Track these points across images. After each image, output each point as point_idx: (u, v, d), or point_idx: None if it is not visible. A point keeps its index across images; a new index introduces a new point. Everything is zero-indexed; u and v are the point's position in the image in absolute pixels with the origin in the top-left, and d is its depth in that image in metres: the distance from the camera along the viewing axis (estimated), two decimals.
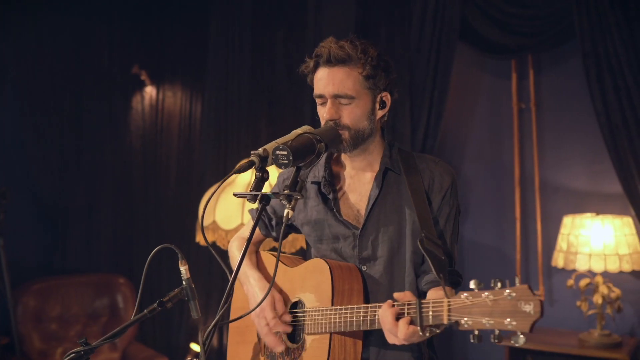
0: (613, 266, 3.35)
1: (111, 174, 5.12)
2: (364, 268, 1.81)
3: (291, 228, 2.03)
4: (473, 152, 4.24)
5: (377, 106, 1.81)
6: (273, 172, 2.82)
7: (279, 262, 1.96)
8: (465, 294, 1.36)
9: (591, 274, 3.46)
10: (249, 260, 2.01)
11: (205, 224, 3.69)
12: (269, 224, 2.05)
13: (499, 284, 1.33)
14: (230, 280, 1.55)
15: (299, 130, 1.72)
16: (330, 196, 1.85)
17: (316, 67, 1.80)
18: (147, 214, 5.16)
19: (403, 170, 1.80)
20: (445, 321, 1.39)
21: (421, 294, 1.79)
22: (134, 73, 5.16)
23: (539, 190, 3.93)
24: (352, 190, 1.87)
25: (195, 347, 4.83)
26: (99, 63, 4.99)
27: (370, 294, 1.77)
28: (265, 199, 1.59)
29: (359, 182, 1.87)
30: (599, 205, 3.72)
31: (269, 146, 1.61)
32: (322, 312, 1.73)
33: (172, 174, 5.23)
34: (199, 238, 3.85)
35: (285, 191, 1.59)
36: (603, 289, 3.40)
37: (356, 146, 1.79)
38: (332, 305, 1.71)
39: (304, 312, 1.81)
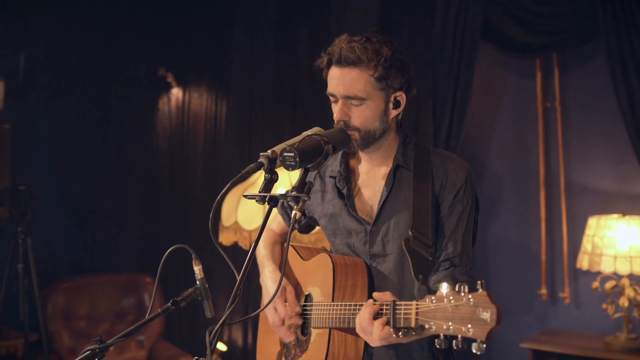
0: (639, 268, 3.28)
1: (138, 174, 5.20)
2: (374, 264, 1.81)
3: (313, 221, 2.04)
4: (498, 152, 4.19)
5: (391, 106, 1.77)
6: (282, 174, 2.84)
7: (297, 255, 1.98)
8: (432, 298, 1.33)
9: (617, 276, 3.39)
10: (270, 252, 2.03)
11: (227, 224, 3.72)
12: (290, 216, 2.07)
13: (466, 288, 1.28)
14: (238, 279, 1.57)
15: (309, 132, 1.73)
16: (344, 191, 1.85)
17: (329, 64, 1.78)
18: (174, 214, 5.23)
19: (413, 167, 1.78)
20: (413, 324, 1.36)
21: (432, 294, 1.78)
22: (160, 75, 5.24)
23: (564, 191, 3.87)
24: (366, 185, 1.86)
25: (220, 345, 4.88)
26: (126, 66, 5.07)
27: (379, 291, 1.77)
28: (273, 201, 1.60)
29: (373, 177, 1.86)
30: (626, 206, 3.64)
31: (278, 148, 1.62)
32: (324, 307, 1.75)
33: (199, 175, 5.29)
34: (222, 238, 3.89)
35: (293, 192, 1.59)
36: (629, 292, 3.33)
37: (367, 146, 1.78)
38: (333, 300, 1.72)
39: (311, 305, 1.82)
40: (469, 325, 1.24)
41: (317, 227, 2.08)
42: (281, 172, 3.76)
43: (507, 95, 4.17)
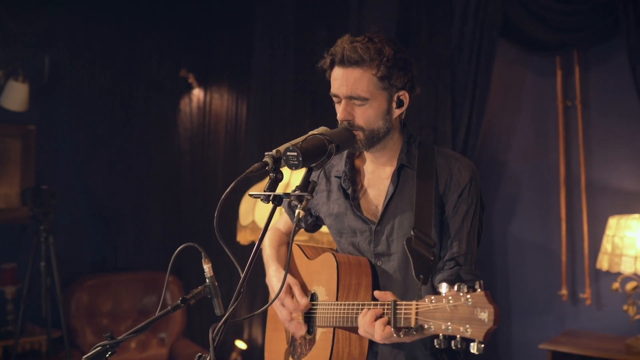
0: None
1: (160, 174, 5.27)
2: (378, 263, 1.81)
3: (319, 220, 2.05)
4: (517, 152, 4.15)
5: (394, 105, 1.77)
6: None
7: (302, 255, 2.00)
8: (432, 298, 1.33)
9: (638, 277, 3.33)
10: (276, 251, 2.06)
11: (244, 223, 3.76)
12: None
13: (465, 288, 1.28)
14: (242, 277, 1.59)
15: (314, 131, 1.74)
16: (349, 191, 1.86)
17: (332, 65, 1.79)
18: (195, 213, 5.29)
19: (416, 166, 1.78)
20: (413, 324, 1.37)
21: (433, 294, 1.78)
22: (181, 76, 5.31)
23: (585, 190, 3.81)
24: (371, 185, 1.87)
25: (240, 344, 4.92)
26: (148, 68, 5.14)
27: (384, 289, 1.77)
28: (277, 200, 1.62)
29: (378, 177, 1.86)
30: None
31: (282, 147, 1.63)
32: (328, 306, 1.76)
33: (219, 175, 5.34)
34: (240, 237, 3.92)
35: (297, 191, 1.60)
36: None
37: (372, 145, 1.78)
38: (337, 299, 1.73)
39: (317, 304, 1.83)
40: (467, 326, 1.24)
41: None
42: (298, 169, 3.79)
43: (527, 94, 4.12)
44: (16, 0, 4.20)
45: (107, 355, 1.82)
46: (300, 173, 2.02)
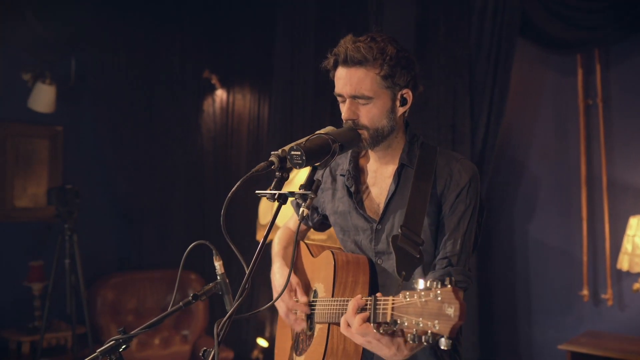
0: None
1: (184, 174, 5.34)
2: (379, 261, 1.82)
3: (326, 218, 2.06)
4: (538, 151, 4.12)
5: (398, 104, 1.78)
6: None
7: (308, 252, 2.02)
8: (407, 293, 1.32)
9: None
10: (283, 249, 2.08)
11: (264, 222, 3.79)
12: (308, 214, 2.10)
13: (438, 284, 1.26)
14: (247, 274, 1.62)
15: (321, 131, 1.76)
16: (352, 189, 1.87)
17: (335, 65, 1.79)
18: (218, 212, 5.31)
19: (415, 166, 1.78)
20: (389, 319, 1.36)
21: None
22: (204, 77, 5.38)
23: (606, 190, 3.77)
24: (374, 184, 1.88)
25: (261, 342, 4.97)
26: (171, 69, 5.22)
27: (383, 288, 1.78)
28: (282, 198, 1.65)
29: (381, 176, 1.87)
30: None
31: (288, 147, 1.65)
32: (325, 302, 1.78)
33: (242, 174, 5.35)
34: (260, 236, 3.96)
35: (301, 190, 1.63)
36: None
37: (377, 144, 1.79)
38: (333, 296, 1.75)
39: (316, 301, 1.86)
40: (436, 321, 1.23)
41: None
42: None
43: (548, 93, 4.10)
44: (43, 4, 4.30)
45: (121, 350, 1.86)
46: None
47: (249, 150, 5.38)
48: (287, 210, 3.79)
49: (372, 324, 1.42)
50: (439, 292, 1.24)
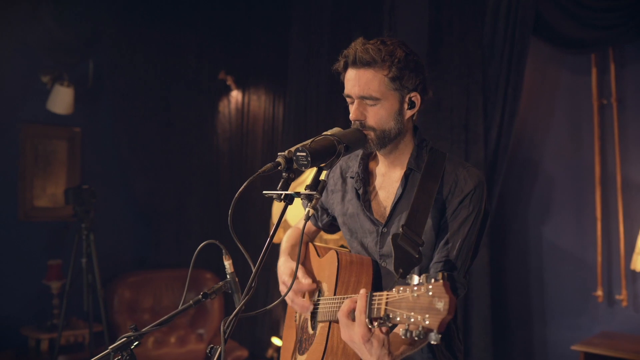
0: None
1: (200, 174, 5.40)
2: (383, 264, 1.84)
3: (335, 220, 2.08)
4: (552, 151, 4.10)
5: (406, 106, 1.79)
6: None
7: (314, 253, 2.05)
8: (400, 288, 1.33)
9: None
10: (291, 247, 2.10)
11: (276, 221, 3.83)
12: (316, 214, 2.14)
13: (428, 279, 1.28)
14: (253, 273, 1.65)
15: (327, 132, 1.78)
16: (360, 191, 1.90)
17: (345, 67, 1.82)
18: (234, 213, 5.39)
19: (423, 169, 1.79)
20: (382, 314, 1.36)
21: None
22: (220, 79, 5.44)
23: (621, 190, 3.74)
24: (382, 187, 1.90)
25: (276, 341, 5.01)
26: (187, 70, 5.29)
27: (386, 289, 1.79)
28: (288, 198, 1.67)
29: (389, 179, 1.89)
30: None
31: (295, 148, 1.68)
32: (327, 300, 1.80)
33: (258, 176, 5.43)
34: (275, 237, 3.99)
35: (307, 191, 1.65)
36: None
37: (383, 146, 1.81)
38: (335, 295, 1.77)
39: (320, 300, 1.88)
40: (427, 315, 1.24)
41: None
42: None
43: (562, 92, 4.07)
44: (61, 8, 4.38)
45: (132, 347, 1.89)
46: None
47: (263, 150, 5.43)
48: (299, 210, 3.84)
49: (366, 319, 1.43)
50: (430, 286, 1.25)
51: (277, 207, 3.92)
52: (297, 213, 3.71)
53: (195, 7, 5.24)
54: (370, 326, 1.43)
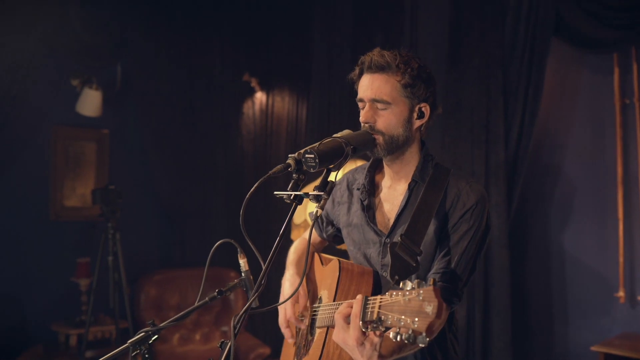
0: None
1: (224, 175, 5.49)
2: (384, 274, 1.86)
3: (339, 232, 2.12)
4: (574, 151, 4.09)
5: (415, 115, 1.83)
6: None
7: (319, 262, 2.09)
8: (393, 292, 1.36)
9: None
10: (297, 258, 2.16)
11: (297, 222, 3.89)
12: (321, 225, 2.19)
13: (420, 284, 1.31)
14: (263, 270, 1.70)
15: (337, 134, 1.83)
16: (365, 203, 1.94)
17: (360, 74, 1.88)
18: (258, 213, 5.48)
19: (426, 183, 1.82)
20: (375, 317, 1.40)
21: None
22: (244, 81, 5.52)
23: None
24: (387, 199, 1.93)
25: None
26: (212, 73, 5.37)
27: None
28: (297, 199, 1.73)
29: (394, 192, 1.93)
30: None
31: (304, 150, 1.73)
32: (325, 307, 1.84)
33: (281, 175, 5.49)
34: (294, 236, 4.06)
35: (315, 192, 1.70)
36: None
37: (391, 152, 1.84)
38: (334, 301, 1.81)
39: (319, 307, 1.93)
40: (416, 319, 1.28)
41: None
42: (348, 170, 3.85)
43: (584, 92, 4.06)
44: (89, 14, 4.51)
45: (151, 341, 1.96)
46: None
47: (287, 151, 5.49)
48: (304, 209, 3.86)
49: (360, 322, 1.46)
50: (421, 291, 1.29)
51: (300, 207, 3.96)
52: (311, 210, 3.77)
53: (219, 11, 5.34)
54: (364, 329, 1.47)
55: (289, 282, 2.07)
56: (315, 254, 2.16)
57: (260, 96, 5.64)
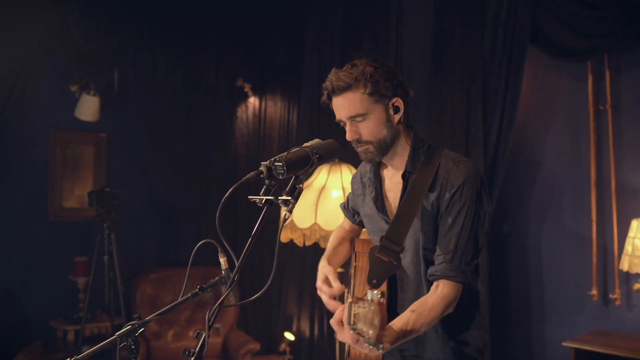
0: None
1: (218, 177, 5.64)
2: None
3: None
4: (552, 154, 4.24)
5: (392, 112, 1.97)
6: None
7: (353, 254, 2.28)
8: (363, 303, 1.50)
9: None
10: (332, 248, 2.29)
11: (307, 225, 3.96)
12: (349, 214, 2.39)
13: (377, 295, 1.48)
14: (236, 267, 1.87)
15: (307, 143, 2.00)
16: (373, 195, 2.11)
17: (329, 97, 2.04)
18: (250, 214, 5.64)
19: (417, 169, 1.96)
20: (352, 324, 1.52)
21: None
22: (238, 85, 5.68)
23: (615, 193, 3.88)
24: (390, 189, 2.09)
25: (289, 335, 5.24)
26: (207, 78, 5.54)
27: (401, 281, 2.03)
28: (268, 203, 1.90)
29: (394, 182, 2.08)
30: None
31: (274, 158, 1.89)
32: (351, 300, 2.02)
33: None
34: (283, 237, 4.20)
35: (283, 196, 1.87)
36: None
37: (384, 153, 1.99)
38: (352, 293, 2.00)
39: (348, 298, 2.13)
40: (370, 331, 1.45)
41: None
42: (335, 175, 3.96)
43: (561, 98, 4.21)
44: (87, 22, 4.69)
45: (137, 334, 2.12)
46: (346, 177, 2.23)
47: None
48: (301, 210, 4.00)
49: (348, 326, 1.58)
50: (372, 307, 1.47)
51: (297, 212, 4.05)
52: (328, 217, 3.87)
53: (215, 18, 5.50)
54: (350, 331, 1.58)
55: (320, 271, 2.13)
56: (355, 240, 2.31)
57: (253, 101, 5.81)
